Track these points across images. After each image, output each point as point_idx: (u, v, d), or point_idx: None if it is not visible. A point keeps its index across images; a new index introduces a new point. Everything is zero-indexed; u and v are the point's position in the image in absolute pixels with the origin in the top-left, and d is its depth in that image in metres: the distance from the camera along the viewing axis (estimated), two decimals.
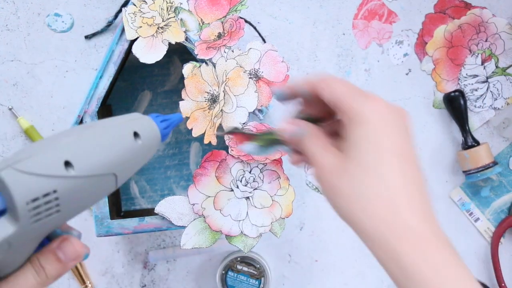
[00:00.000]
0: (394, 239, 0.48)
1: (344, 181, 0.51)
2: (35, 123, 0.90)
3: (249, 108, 0.73)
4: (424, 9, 0.93)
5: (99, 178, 0.50)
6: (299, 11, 0.92)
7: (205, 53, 0.74)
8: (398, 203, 0.49)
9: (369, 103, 0.52)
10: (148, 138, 0.55)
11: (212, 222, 0.75)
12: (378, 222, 0.49)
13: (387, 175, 0.50)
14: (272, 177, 0.75)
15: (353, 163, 0.51)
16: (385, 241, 0.48)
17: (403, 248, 0.47)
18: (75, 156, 0.48)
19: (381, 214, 0.49)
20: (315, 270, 0.94)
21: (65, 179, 0.46)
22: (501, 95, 0.93)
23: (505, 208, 0.93)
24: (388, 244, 0.48)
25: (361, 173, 0.50)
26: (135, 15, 0.75)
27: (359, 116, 0.51)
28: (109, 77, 0.77)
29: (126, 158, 0.52)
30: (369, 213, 0.49)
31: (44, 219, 0.46)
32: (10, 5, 0.89)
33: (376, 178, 0.50)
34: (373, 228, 0.49)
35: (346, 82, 0.56)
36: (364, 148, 0.50)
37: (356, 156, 0.51)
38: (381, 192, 0.49)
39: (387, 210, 0.49)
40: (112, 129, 0.53)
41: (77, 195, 0.48)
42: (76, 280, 0.92)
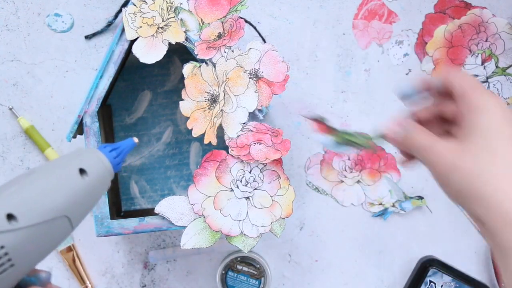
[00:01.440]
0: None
1: (468, 161, 0.56)
2: (35, 123, 0.90)
3: (249, 108, 0.73)
4: (424, 9, 0.93)
5: (49, 223, 0.49)
6: (299, 11, 0.92)
7: (205, 53, 0.74)
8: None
9: (492, 97, 0.59)
10: (97, 173, 0.54)
11: (212, 222, 0.75)
12: (503, 195, 0.54)
13: (505, 156, 0.56)
14: (272, 177, 0.75)
15: (476, 146, 0.57)
16: (506, 210, 0.53)
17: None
18: (17, 206, 0.46)
19: (506, 188, 0.54)
20: (315, 270, 0.94)
21: (11, 233, 0.45)
22: (501, 95, 0.93)
23: None
24: (508, 213, 0.53)
25: (486, 154, 0.56)
26: (135, 15, 0.75)
27: (486, 106, 0.58)
28: (109, 77, 0.77)
29: (75, 197, 0.51)
30: (494, 187, 0.54)
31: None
32: (10, 5, 0.89)
33: (500, 158, 0.56)
34: (497, 200, 0.54)
35: (473, 77, 0.64)
36: (488, 134, 0.57)
37: (479, 139, 0.57)
38: (506, 170, 0.55)
39: (506, 185, 0.54)
40: (55, 170, 0.52)
41: (30, 246, 0.47)
42: (76, 280, 0.92)
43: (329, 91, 0.93)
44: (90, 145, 0.77)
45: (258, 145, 0.73)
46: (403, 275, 0.94)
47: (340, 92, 0.93)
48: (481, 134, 0.57)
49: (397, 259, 0.94)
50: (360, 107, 0.93)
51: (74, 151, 0.55)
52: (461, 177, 0.56)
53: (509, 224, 0.53)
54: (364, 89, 0.93)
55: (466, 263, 0.94)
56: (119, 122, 0.89)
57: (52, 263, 0.92)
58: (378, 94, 0.93)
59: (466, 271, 0.94)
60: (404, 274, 0.94)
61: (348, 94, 0.93)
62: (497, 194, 0.54)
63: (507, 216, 0.53)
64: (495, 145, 0.56)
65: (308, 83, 0.92)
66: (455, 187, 0.57)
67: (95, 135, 0.77)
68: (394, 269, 0.94)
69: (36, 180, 0.50)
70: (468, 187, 0.56)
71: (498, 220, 0.54)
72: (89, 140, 0.77)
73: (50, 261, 0.92)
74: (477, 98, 0.59)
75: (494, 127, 0.57)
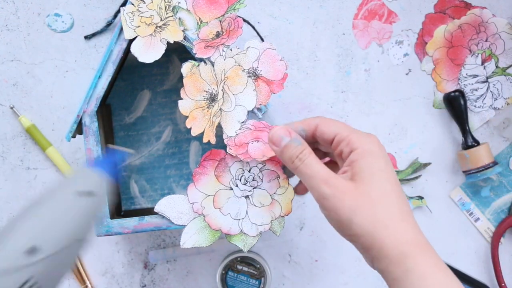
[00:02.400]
0: (408, 247, 0.58)
1: (366, 204, 0.60)
2: (35, 123, 0.90)
3: (248, 107, 0.73)
4: (424, 9, 0.93)
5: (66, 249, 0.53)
6: (299, 11, 0.92)
7: (203, 52, 0.74)
8: (406, 221, 0.61)
9: (371, 139, 0.64)
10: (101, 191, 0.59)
11: (211, 221, 0.75)
12: (396, 235, 0.59)
13: (395, 199, 0.61)
14: (272, 176, 0.75)
15: (371, 189, 0.61)
16: (400, 249, 0.58)
17: (413, 253, 0.58)
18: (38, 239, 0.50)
19: (399, 229, 0.59)
20: (315, 270, 0.94)
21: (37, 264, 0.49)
22: (501, 95, 0.93)
23: (505, 208, 0.93)
24: (402, 251, 0.58)
25: (381, 199, 0.60)
26: (133, 14, 0.75)
27: (369, 149, 0.63)
28: (108, 76, 0.77)
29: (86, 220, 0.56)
30: (390, 229, 0.59)
31: None
32: (10, 5, 0.89)
33: (391, 203, 0.61)
34: (393, 241, 0.59)
35: (340, 121, 0.68)
36: (378, 178, 0.61)
37: (373, 183, 0.61)
38: (396, 213, 0.60)
39: (401, 227, 0.60)
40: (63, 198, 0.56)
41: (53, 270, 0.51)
42: (76, 280, 0.92)
43: (329, 91, 0.93)
44: (90, 145, 0.77)
45: (256, 143, 0.73)
46: None
47: (340, 92, 0.93)
48: (373, 177, 0.61)
49: None
50: (360, 107, 0.93)
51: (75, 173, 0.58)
52: (363, 220, 0.60)
53: (402, 262, 0.58)
54: (364, 89, 0.93)
55: (466, 263, 0.94)
56: (119, 121, 0.89)
57: None
58: (378, 94, 0.93)
59: (466, 271, 0.94)
60: None
61: (348, 94, 0.93)
62: (392, 237, 0.59)
63: (401, 254, 0.58)
64: (386, 188, 0.61)
65: (308, 83, 0.93)
66: (358, 230, 0.60)
67: (94, 135, 0.77)
68: None
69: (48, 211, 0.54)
70: (369, 231, 0.59)
71: (393, 259, 0.58)
72: (88, 139, 0.77)
73: None
74: (360, 141, 0.63)
75: (382, 170, 0.62)
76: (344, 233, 0.62)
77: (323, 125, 0.67)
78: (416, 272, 0.57)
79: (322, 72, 0.93)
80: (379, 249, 0.59)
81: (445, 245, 0.94)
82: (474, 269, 0.94)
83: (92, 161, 0.77)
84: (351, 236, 0.61)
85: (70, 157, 0.91)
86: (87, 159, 0.77)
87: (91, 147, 0.77)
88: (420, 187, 0.94)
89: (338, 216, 0.61)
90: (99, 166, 0.59)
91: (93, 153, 0.77)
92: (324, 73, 0.93)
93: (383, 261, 0.59)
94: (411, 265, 0.57)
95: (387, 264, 0.59)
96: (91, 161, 0.77)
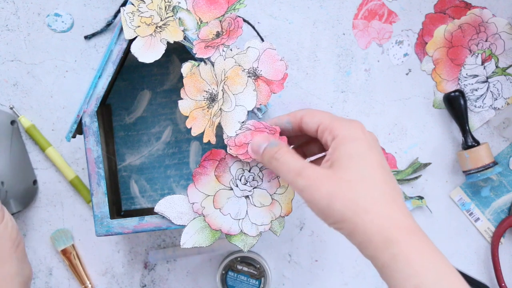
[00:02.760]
0: (393, 231, 0.57)
1: (344, 189, 0.60)
2: (35, 123, 0.90)
3: (248, 107, 0.73)
4: (424, 9, 0.93)
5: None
6: (299, 11, 0.92)
7: (203, 52, 0.74)
8: (391, 205, 0.60)
9: (353, 124, 0.64)
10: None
11: (211, 221, 0.75)
12: (379, 219, 0.58)
13: (378, 183, 0.61)
14: (272, 176, 0.75)
15: (350, 173, 0.61)
16: (385, 233, 0.57)
17: (399, 237, 0.57)
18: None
19: (383, 213, 0.59)
20: (315, 270, 0.94)
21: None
22: (501, 95, 0.93)
23: (505, 208, 0.93)
24: (386, 236, 0.57)
25: (360, 183, 0.60)
26: (133, 14, 0.75)
27: (350, 135, 0.63)
28: (108, 76, 0.77)
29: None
30: (371, 214, 0.58)
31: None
32: (10, 5, 0.89)
33: (373, 186, 0.60)
34: (376, 225, 0.58)
35: (325, 111, 0.69)
36: (358, 162, 0.61)
37: (352, 167, 0.61)
38: (378, 197, 0.60)
39: (386, 211, 0.59)
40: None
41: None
42: (76, 280, 0.92)
43: (329, 91, 0.93)
44: (90, 145, 0.77)
45: None
46: None
47: (340, 92, 0.93)
48: (352, 162, 0.61)
49: None
50: (360, 107, 0.93)
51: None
52: (342, 206, 0.59)
53: (388, 247, 0.57)
54: (364, 89, 0.93)
55: (466, 263, 0.94)
56: (119, 121, 0.90)
57: (52, 263, 0.92)
58: (378, 94, 0.93)
59: (466, 271, 0.94)
60: None
61: (348, 94, 0.93)
62: (375, 221, 0.58)
63: (386, 239, 0.57)
64: (366, 172, 0.61)
65: (308, 83, 0.93)
66: (338, 216, 0.60)
67: (94, 135, 0.77)
68: None
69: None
70: (350, 216, 0.59)
71: (378, 244, 0.58)
72: (88, 139, 0.77)
73: (50, 261, 0.92)
74: (342, 127, 0.64)
75: (361, 154, 0.62)
76: (328, 222, 0.62)
77: (307, 116, 0.68)
78: (402, 258, 0.56)
79: (322, 72, 0.93)
80: (363, 235, 0.58)
81: (445, 245, 0.94)
82: (474, 269, 0.94)
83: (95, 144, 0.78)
84: (334, 224, 0.61)
85: (70, 157, 0.91)
86: (87, 159, 0.77)
87: (91, 147, 0.77)
88: (420, 187, 0.94)
89: (317, 205, 0.61)
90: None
91: (93, 153, 0.77)
92: (324, 73, 0.93)
93: (369, 247, 0.58)
94: (397, 250, 0.56)
95: (373, 250, 0.58)
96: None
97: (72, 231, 0.92)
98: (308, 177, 0.62)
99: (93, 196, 0.77)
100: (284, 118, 0.70)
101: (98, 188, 0.77)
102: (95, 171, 0.78)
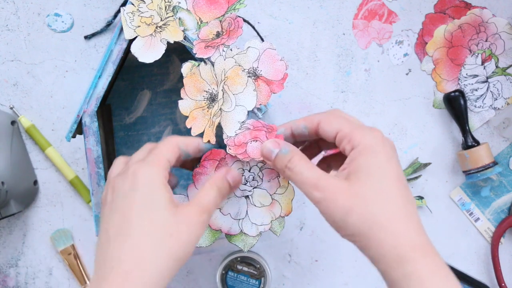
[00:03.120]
0: (407, 250, 0.57)
1: (360, 204, 0.59)
2: (35, 123, 0.90)
3: (248, 107, 0.73)
4: (424, 9, 0.93)
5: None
6: (299, 11, 0.92)
7: (203, 52, 0.74)
8: (406, 221, 0.59)
9: (373, 134, 0.62)
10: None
11: (211, 221, 0.75)
12: (393, 237, 0.57)
13: (394, 198, 0.59)
14: (272, 175, 0.75)
15: (366, 188, 0.59)
16: (398, 251, 0.57)
17: (412, 256, 0.56)
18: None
19: (397, 230, 0.58)
20: (315, 270, 0.94)
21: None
22: (501, 95, 0.93)
23: (505, 208, 0.93)
24: (400, 254, 0.57)
25: (376, 198, 0.59)
26: (133, 14, 0.75)
27: (368, 146, 0.61)
28: (108, 76, 0.76)
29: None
30: (386, 230, 0.58)
31: None
32: (10, 5, 0.89)
33: (389, 202, 0.59)
34: (389, 243, 0.57)
35: (344, 116, 0.67)
36: (375, 176, 0.60)
37: (368, 182, 0.60)
38: (394, 213, 0.59)
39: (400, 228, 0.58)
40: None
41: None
42: (76, 280, 0.92)
43: (329, 91, 0.93)
44: (90, 145, 0.77)
45: (254, 142, 0.73)
46: None
47: (340, 92, 0.93)
48: (369, 176, 0.60)
49: None
50: (360, 107, 0.93)
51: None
52: (357, 220, 0.59)
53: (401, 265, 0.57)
54: (364, 89, 0.93)
55: (466, 263, 0.94)
56: (119, 121, 0.89)
57: (52, 263, 0.92)
58: (378, 94, 0.93)
59: (466, 271, 0.94)
60: None
61: (348, 94, 0.93)
62: (389, 238, 0.58)
63: (399, 257, 0.57)
64: (383, 187, 0.60)
65: (308, 83, 0.93)
66: (353, 230, 0.59)
67: (94, 135, 0.77)
68: None
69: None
70: (364, 231, 0.58)
71: (391, 262, 0.57)
72: (88, 139, 0.77)
73: (50, 261, 0.92)
74: (362, 137, 0.62)
75: (381, 168, 0.60)
76: (342, 234, 0.61)
77: (324, 123, 0.66)
78: (415, 277, 0.56)
79: (322, 72, 0.93)
80: (376, 250, 0.58)
81: (445, 245, 0.94)
82: (474, 269, 0.94)
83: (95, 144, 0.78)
84: (348, 236, 0.60)
85: (70, 157, 0.91)
86: (87, 159, 0.77)
87: (91, 147, 0.77)
88: (420, 187, 0.94)
89: (332, 217, 0.60)
90: None
91: (93, 153, 0.77)
92: (324, 73, 0.93)
93: (382, 263, 0.58)
94: (410, 270, 0.56)
95: (386, 266, 0.58)
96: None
97: (72, 231, 0.92)
98: (324, 189, 0.61)
99: (93, 196, 0.77)
100: (301, 123, 0.69)
101: (98, 188, 0.77)
102: (95, 171, 0.77)
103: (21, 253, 0.92)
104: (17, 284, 0.92)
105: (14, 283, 0.92)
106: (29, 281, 0.92)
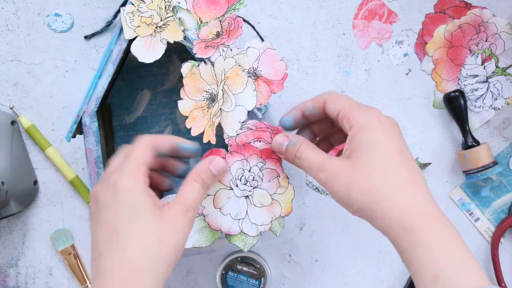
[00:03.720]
0: (412, 218, 0.58)
1: (361, 178, 0.61)
2: (35, 123, 0.90)
3: (248, 107, 0.73)
4: (424, 9, 0.93)
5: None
6: (299, 11, 0.92)
7: (203, 52, 0.74)
8: (411, 190, 0.60)
9: (369, 112, 0.64)
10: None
11: (211, 221, 0.75)
12: (397, 206, 0.59)
13: (397, 169, 0.61)
14: (272, 175, 0.75)
15: (366, 163, 0.61)
16: (404, 220, 0.58)
17: (418, 224, 0.58)
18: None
19: (401, 199, 0.59)
20: (315, 270, 0.94)
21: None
22: (501, 95, 0.93)
23: (505, 208, 0.93)
24: (405, 223, 0.58)
25: (376, 171, 0.61)
26: (133, 14, 0.75)
27: (365, 124, 0.63)
28: (108, 76, 0.77)
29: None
30: (389, 200, 0.59)
31: None
32: (10, 5, 0.89)
33: (390, 173, 0.61)
34: (394, 212, 0.59)
35: (347, 96, 0.68)
36: (374, 150, 0.62)
37: (368, 157, 0.62)
38: (396, 184, 0.60)
39: (404, 197, 0.59)
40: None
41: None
42: (76, 280, 0.92)
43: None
44: (89, 145, 0.77)
45: (258, 142, 0.73)
46: (403, 275, 0.94)
47: (340, 92, 0.93)
48: (368, 151, 0.62)
49: (397, 259, 0.93)
50: None
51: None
52: (359, 195, 0.61)
53: (407, 234, 0.58)
54: (364, 89, 0.93)
55: None
56: (119, 121, 0.89)
57: (52, 263, 0.92)
58: (378, 94, 0.93)
59: None
60: (404, 274, 0.94)
61: (348, 94, 0.93)
62: (393, 208, 0.59)
63: (405, 226, 0.58)
64: (383, 160, 0.62)
65: (308, 83, 0.92)
66: (357, 205, 0.61)
67: (94, 135, 0.77)
68: (394, 269, 0.94)
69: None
70: (368, 204, 0.60)
71: (398, 231, 0.59)
72: (88, 139, 0.77)
73: (50, 261, 0.92)
74: (358, 116, 0.64)
75: (379, 142, 0.62)
76: (350, 210, 0.63)
77: (329, 101, 0.68)
78: (421, 245, 0.57)
79: (322, 72, 0.93)
80: (381, 221, 0.60)
81: None
82: None
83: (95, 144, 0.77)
84: (356, 212, 0.62)
85: (70, 157, 0.91)
86: (87, 159, 0.77)
87: (91, 147, 0.77)
88: None
89: (339, 196, 0.62)
90: None
91: (93, 153, 0.77)
92: (324, 73, 0.93)
93: (389, 233, 0.60)
94: (416, 238, 0.57)
95: (393, 236, 0.59)
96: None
97: (72, 231, 0.92)
98: (327, 170, 0.63)
99: None
100: (310, 104, 0.70)
101: None
102: (95, 171, 0.78)
103: (21, 253, 0.92)
104: (17, 284, 0.92)
105: (14, 283, 0.92)
106: (29, 281, 0.92)
